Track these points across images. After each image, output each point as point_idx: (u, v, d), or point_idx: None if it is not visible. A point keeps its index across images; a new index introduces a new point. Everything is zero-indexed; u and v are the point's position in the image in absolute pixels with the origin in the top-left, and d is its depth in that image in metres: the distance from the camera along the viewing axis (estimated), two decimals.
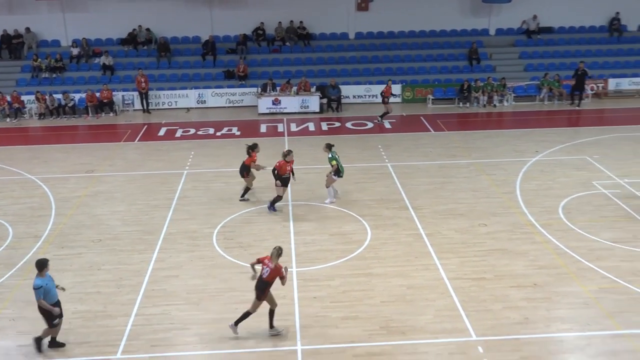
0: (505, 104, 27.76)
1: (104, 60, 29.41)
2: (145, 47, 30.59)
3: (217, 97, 28.32)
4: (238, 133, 24.44)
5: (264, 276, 11.34)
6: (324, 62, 30.20)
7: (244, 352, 11.22)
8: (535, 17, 31.18)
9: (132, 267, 14.18)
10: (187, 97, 28.30)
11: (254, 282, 11.41)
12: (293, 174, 16.97)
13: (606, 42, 31.37)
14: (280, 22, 30.82)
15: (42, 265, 10.86)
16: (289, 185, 17.04)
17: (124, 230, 16.15)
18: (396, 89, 28.44)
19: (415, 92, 28.45)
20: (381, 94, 25.44)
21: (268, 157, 21.24)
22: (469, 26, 31.58)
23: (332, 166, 17.05)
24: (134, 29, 30.44)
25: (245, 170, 17.37)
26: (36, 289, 10.70)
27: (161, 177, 19.84)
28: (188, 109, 28.04)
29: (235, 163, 20.72)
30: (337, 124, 25.61)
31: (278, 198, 16.96)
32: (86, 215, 17.10)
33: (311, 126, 25.38)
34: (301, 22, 30.85)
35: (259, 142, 18.03)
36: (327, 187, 17.55)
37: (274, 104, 27.04)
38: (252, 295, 11.40)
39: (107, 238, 15.70)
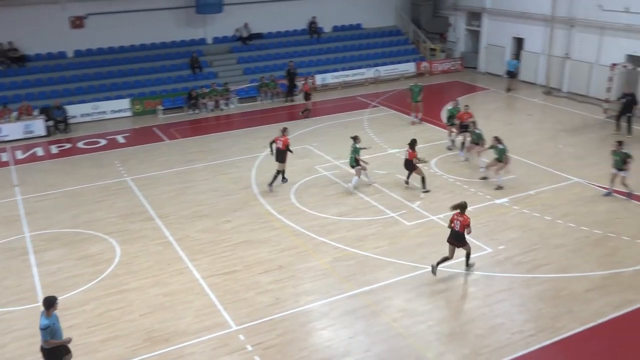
0: (231, 106, 28.49)
1: None
2: None
3: None
4: None
5: (457, 228, 13.02)
6: (44, 84, 27.69)
7: None
8: (246, 24, 32.46)
9: None
10: None
11: None
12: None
13: (308, 43, 34.02)
14: None
15: (50, 303, 9.64)
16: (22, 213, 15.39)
17: None
18: (125, 103, 27.39)
19: (144, 104, 27.66)
20: (303, 92, 26.97)
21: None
22: (187, 37, 31.65)
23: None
24: None
25: (411, 165, 17.81)
26: (43, 329, 9.52)
27: None
28: None
29: None
30: (68, 145, 23.76)
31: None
32: None
33: (39, 151, 23.14)
34: (10, 43, 27.84)
35: None
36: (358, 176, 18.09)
37: None
38: None
39: None
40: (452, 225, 13.16)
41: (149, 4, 29.94)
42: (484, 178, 18.61)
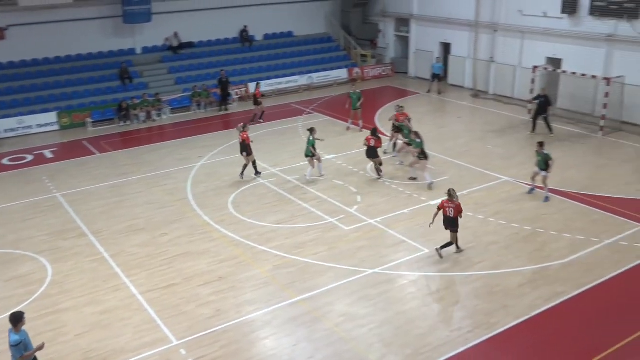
0: (164, 117, 27.96)
1: None
2: None
3: None
4: None
5: (451, 215, 13.71)
6: None
7: None
8: (176, 34, 31.98)
9: None
10: None
11: None
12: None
13: (240, 51, 33.83)
14: None
15: (17, 319, 9.41)
16: None
17: None
18: (51, 116, 26.43)
19: (72, 117, 26.76)
20: (254, 96, 26.86)
21: None
22: (116, 47, 30.87)
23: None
24: None
25: (374, 153, 19.05)
26: (15, 345, 9.28)
27: None
28: None
29: None
30: None
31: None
32: None
33: None
34: None
35: None
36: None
37: None
38: None
39: None
40: (445, 212, 13.83)
41: (73, 14, 29.01)
42: (413, 179, 19.05)
